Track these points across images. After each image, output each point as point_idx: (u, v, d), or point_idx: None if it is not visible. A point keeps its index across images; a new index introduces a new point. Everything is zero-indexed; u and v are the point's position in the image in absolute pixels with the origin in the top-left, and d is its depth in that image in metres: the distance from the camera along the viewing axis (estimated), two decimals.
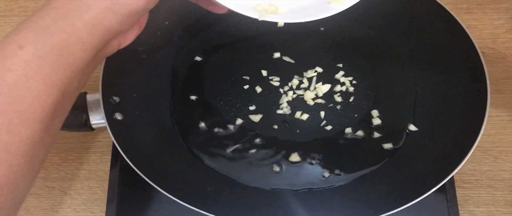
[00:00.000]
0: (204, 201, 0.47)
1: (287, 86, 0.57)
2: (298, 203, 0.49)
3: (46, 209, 0.54)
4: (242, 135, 0.54)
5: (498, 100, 0.58)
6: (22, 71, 0.31)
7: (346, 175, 0.51)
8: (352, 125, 0.54)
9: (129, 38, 0.39)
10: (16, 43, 0.31)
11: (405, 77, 0.57)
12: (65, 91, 0.33)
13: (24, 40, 0.31)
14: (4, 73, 0.31)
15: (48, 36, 0.32)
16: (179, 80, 0.58)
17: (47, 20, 0.32)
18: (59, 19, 0.32)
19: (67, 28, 0.32)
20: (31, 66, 0.31)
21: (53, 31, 0.32)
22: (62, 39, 0.32)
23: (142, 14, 0.36)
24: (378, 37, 0.60)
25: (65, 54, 0.32)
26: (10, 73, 0.31)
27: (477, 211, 0.52)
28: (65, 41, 0.32)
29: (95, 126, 0.50)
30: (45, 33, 0.32)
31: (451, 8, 0.55)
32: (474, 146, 0.47)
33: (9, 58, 0.31)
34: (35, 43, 0.31)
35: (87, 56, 0.34)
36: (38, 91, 0.31)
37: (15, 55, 0.31)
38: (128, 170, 0.48)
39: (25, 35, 0.32)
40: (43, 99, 0.32)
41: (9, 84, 0.30)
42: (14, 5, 0.68)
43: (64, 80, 0.33)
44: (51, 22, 0.32)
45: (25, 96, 0.31)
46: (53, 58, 0.32)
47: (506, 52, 0.61)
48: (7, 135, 0.30)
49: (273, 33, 0.59)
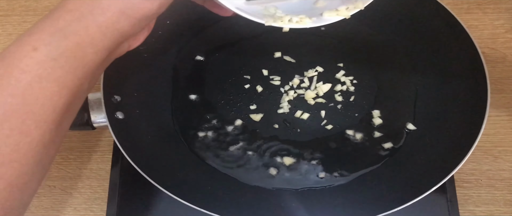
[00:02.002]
0: (205, 200, 0.47)
1: (288, 85, 0.57)
2: (299, 202, 0.49)
3: (47, 208, 0.54)
4: (242, 134, 0.54)
5: (498, 100, 0.58)
6: (35, 73, 0.31)
7: (346, 174, 0.51)
8: (352, 125, 0.54)
9: (139, 40, 0.39)
10: (30, 45, 0.32)
11: (405, 77, 0.58)
12: (76, 93, 0.34)
13: (38, 42, 0.32)
14: (18, 74, 0.31)
15: (62, 38, 0.32)
16: (180, 80, 0.58)
17: (61, 23, 0.32)
18: (73, 22, 0.32)
19: (81, 31, 0.32)
20: (45, 67, 0.31)
21: (67, 33, 0.32)
22: (75, 41, 0.32)
23: (154, 17, 0.36)
24: (379, 37, 0.60)
25: (78, 56, 0.32)
26: (24, 74, 0.31)
27: (477, 210, 0.52)
28: (79, 43, 0.32)
29: (96, 125, 0.50)
30: (59, 35, 0.32)
31: (451, 8, 0.55)
32: (474, 146, 0.47)
33: (24, 60, 0.31)
34: (49, 45, 0.32)
35: (99, 58, 0.34)
36: (51, 92, 0.32)
37: (30, 57, 0.31)
38: (129, 169, 0.48)
39: (40, 37, 0.32)
40: (55, 101, 0.32)
41: (23, 85, 0.31)
42: (15, 4, 0.68)
43: (76, 82, 0.33)
44: (65, 24, 0.32)
45: (38, 97, 0.31)
46: (66, 60, 0.32)
47: (506, 52, 0.61)
48: (19, 135, 0.31)
49: (274, 33, 0.59)
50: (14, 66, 0.31)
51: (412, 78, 0.57)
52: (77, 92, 0.34)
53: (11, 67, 0.31)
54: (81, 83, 0.34)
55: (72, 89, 0.33)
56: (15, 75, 0.31)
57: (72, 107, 0.34)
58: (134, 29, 0.35)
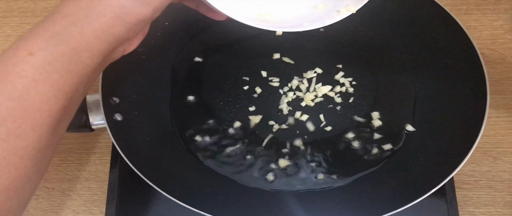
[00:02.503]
0: (204, 201, 0.47)
1: (287, 87, 0.57)
2: (298, 204, 0.49)
3: (46, 210, 0.54)
4: (241, 136, 0.54)
5: (498, 101, 0.58)
6: (32, 77, 0.31)
7: (345, 176, 0.51)
8: (351, 126, 0.54)
9: (134, 44, 0.40)
10: (26, 49, 0.32)
11: (404, 78, 0.57)
12: (72, 97, 0.34)
13: (34, 47, 0.32)
14: (14, 79, 0.31)
15: (58, 43, 0.32)
16: (179, 81, 0.58)
17: (57, 28, 0.33)
18: (69, 27, 0.33)
19: (76, 36, 0.33)
20: (41, 72, 0.31)
21: (63, 38, 0.32)
22: (71, 46, 0.32)
23: (149, 22, 0.36)
24: (378, 38, 0.60)
25: (74, 61, 0.33)
26: (20, 79, 0.31)
27: (476, 212, 0.52)
28: (74, 48, 0.33)
29: (95, 127, 0.50)
30: (55, 40, 0.32)
31: (450, 9, 0.55)
32: (474, 147, 0.47)
33: (20, 64, 0.31)
34: (45, 49, 0.32)
35: (94, 62, 0.34)
36: (47, 96, 0.32)
37: (25, 61, 0.31)
38: (127, 171, 0.48)
39: (36, 41, 0.32)
40: (51, 105, 0.32)
41: (19, 89, 0.31)
42: (14, 5, 0.68)
43: (72, 86, 0.33)
44: (61, 29, 0.33)
45: (34, 101, 0.31)
46: (62, 64, 0.32)
47: (505, 53, 0.61)
48: (15, 139, 0.31)
49: (273, 34, 0.59)
50: (10, 71, 0.31)
51: (411, 80, 0.57)
52: (73, 96, 0.34)
53: (7, 72, 0.31)
54: (77, 88, 0.34)
55: (68, 93, 0.33)
56: (11, 80, 0.31)
57: (68, 111, 0.35)
58: (129, 33, 0.35)
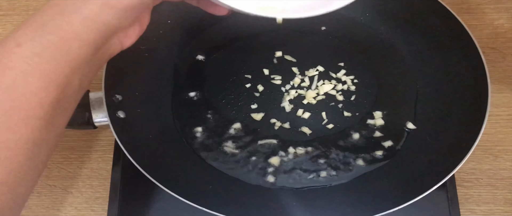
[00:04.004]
0: (206, 198, 0.47)
1: (288, 84, 0.57)
2: (300, 201, 0.49)
3: (48, 207, 0.54)
4: (243, 133, 0.54)
5: (499, 99, 0.58)
6: (20, 68, 0.31)
7: (347, 173, 0.51)
8: (353, 124, 0.54)
9: (131, 37, 0.39)
10: (14, 41, 0.31)
11: (406, 76, 0.58)
12: (64, 89, 0.33)
13: (22, 38, 0.32)
14: (3, 71, 0.31)
15: (46, 33, 0.32)
16: (181, 79, 0.58)
17: (44, 18, 0.32)
18: (56, 16, 0.32)
19: (64, 25, 0.32)
20: (29, 63, 0.31)
21: (50, 28, 0.32)
22: (59, 35, 0.32)
23: (140, 9, 0.36)
24: (379, 36, 0.60)
25: (63, 51, 0.32)
26: (9, 70, 0.31)
27: (477, 209, 0.52)
28: (63, 37, 0.32)
29: (97, 124, 0.50)
30: (42, 30, 0.32)
31: (451, 7, 0.55)
32: (475, 145, 0.47)
33: (7, 56, 0.31)
34: (33, 40, 0.31)
35: (86, 52, 0.34)
36: (36, 88, 0.31)
37: (13, 52, 0.31)
38: (130, 168, 0.48)
39: (24, 32, 0.32)
40: (42, 96, 0.32)
41: (7, 81, 0.31)
42: (16, 4, 0.68)
43: (63, 78, 0.33)
44: (48, 19, 0.32)
45: (23, 93, 0.31)
46: (51, 55, 0.32)
47: (507, 52, 0.61)
48: (6, 132, 0.30)
49: (275, 32, 0.59)
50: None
51: (413, 78, 0.57)
52: (66, 89, 0.33)
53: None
54: (69, 80, 0.33)
55: (59, 84, 0.32)
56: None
57: (62, 104, 0.34)
58: (121, 21, 0.35)
